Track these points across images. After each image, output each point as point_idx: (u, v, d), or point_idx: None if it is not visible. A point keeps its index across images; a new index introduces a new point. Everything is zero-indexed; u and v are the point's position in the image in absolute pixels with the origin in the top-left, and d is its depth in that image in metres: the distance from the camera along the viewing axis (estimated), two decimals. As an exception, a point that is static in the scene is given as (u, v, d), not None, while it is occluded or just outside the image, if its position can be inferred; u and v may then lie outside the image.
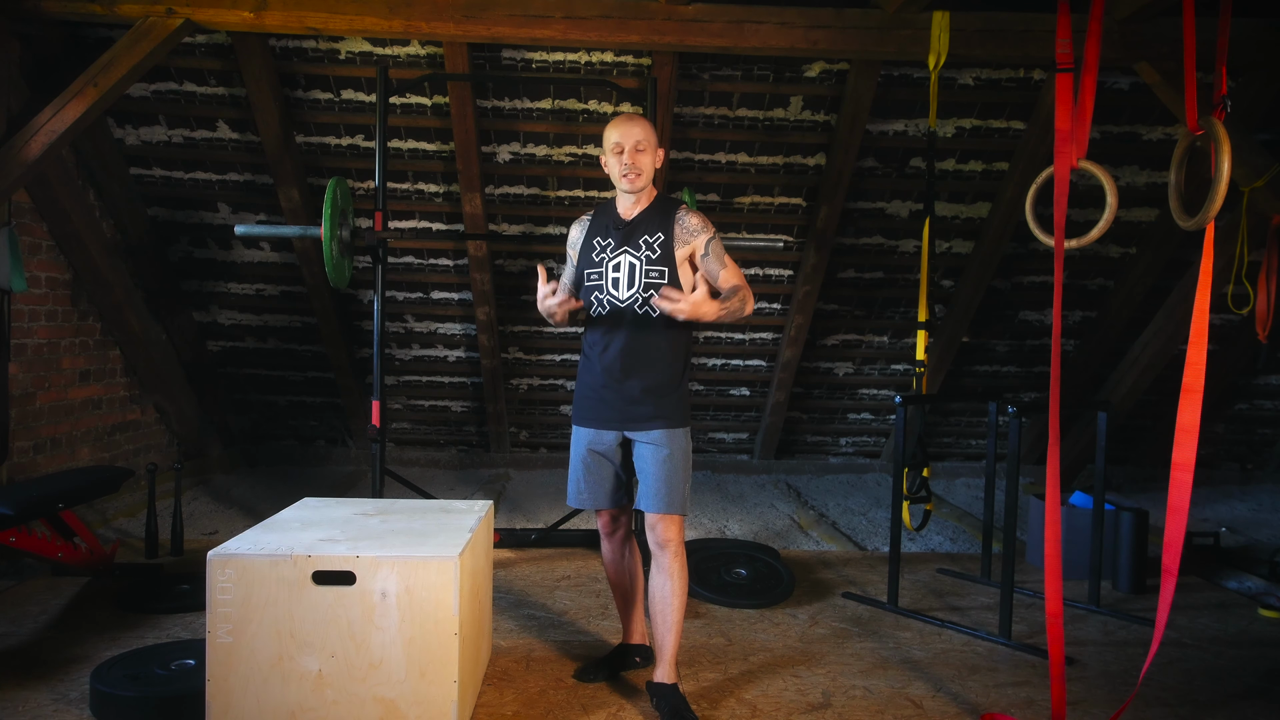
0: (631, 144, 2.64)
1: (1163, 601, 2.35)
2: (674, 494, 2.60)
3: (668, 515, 2.61)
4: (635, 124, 2.68)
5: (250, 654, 2.25)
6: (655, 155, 2.69)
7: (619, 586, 2.90)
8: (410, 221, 5.18)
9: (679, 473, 2.62)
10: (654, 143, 2.69)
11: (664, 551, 2.62)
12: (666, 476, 2.60)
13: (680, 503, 2.61)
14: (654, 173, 2.71)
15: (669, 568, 2.62)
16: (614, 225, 2.71)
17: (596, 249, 2.71)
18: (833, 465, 6.42)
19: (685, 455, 2.64)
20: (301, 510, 2.79)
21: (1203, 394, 2.35)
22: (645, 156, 2.66)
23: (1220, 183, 2.43)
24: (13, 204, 4.09)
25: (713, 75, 4.51)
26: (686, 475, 2.64)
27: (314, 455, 6.22)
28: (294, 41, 4.35)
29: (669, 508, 2.60)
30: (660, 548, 2.63)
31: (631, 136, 2.65)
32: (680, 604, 2.63)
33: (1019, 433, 3.21)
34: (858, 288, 5.47)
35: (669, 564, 2.62)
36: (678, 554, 2.63)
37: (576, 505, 2.78)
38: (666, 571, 2.62)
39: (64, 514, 3.59)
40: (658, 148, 2.71)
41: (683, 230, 2.66)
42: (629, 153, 2.64)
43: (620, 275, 2.66)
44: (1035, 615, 3.53)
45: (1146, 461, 6.34)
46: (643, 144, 2.66)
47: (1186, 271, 5.18)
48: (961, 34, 3.94)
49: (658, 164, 2.71)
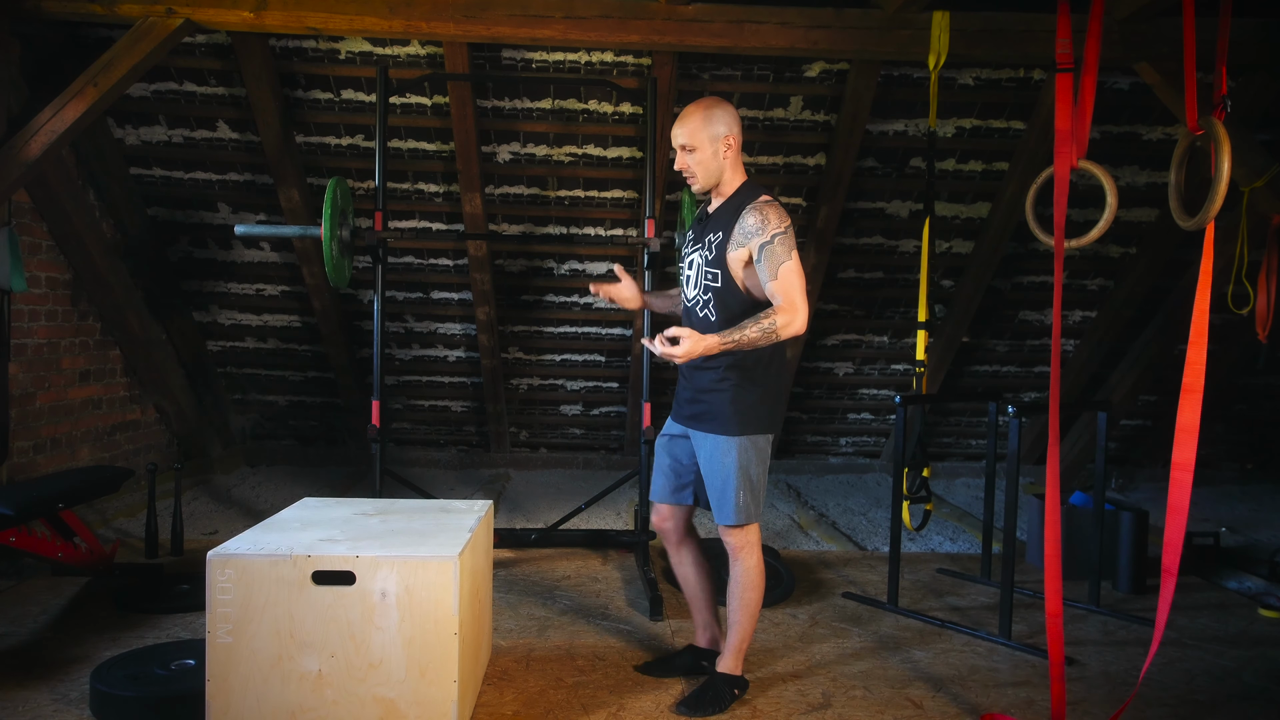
0: (678, 147, 2.57)
1: (1163, 601, 2.35)
2: (725, 502, 2.59)
3: (724, 526, 2.62)
4: (681, 123, 2.56)
5: (250, 654, 2.25)
6: (715, 148, 2.54)
7: (683, 588, 2.89)
8: (410, 221, 5.18)
9: (731, 480, 2.57)
10: (709, 136, 2.53)
11: (733, 559, 2.65)
12: (718, 485, 2.60)
13: (733, 511, 2.58)
14: (723, 165, 2.56)
15: (734, 573, 2.65)
16: (700, 218, 2.68)
17: (686, 242, 2.71)
18: (833, 465, 6.42)
19: (740, 464, 2.57)
20: (301, 510, 2.78)
21: (1203, 394, 2.35)
22: (697, 155, 2.54)
23: (1220, 183, 2.43)
24: (13, 204, 4.09)
25: (713, 75, 4.51)
26: (743, 483, 2.57)
27: (314, 455, 6.22)
28: (294, 41, 4.35)
29: (722, 517, 2.60)
30: (729, 553, 2.66)
31: (677, 139, 2.56)
32: (743, 604, 2.64)
33: (1019, 433, 3.21)
34: (858, 288, 5.47)
35: (734, 569, 2.65)
36: (742, 559, 2.63)
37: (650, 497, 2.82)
38: (734, 577, 2.66)
39: (64, 514, 3.59)
40: (720, 137, 2.54)
41: (740, 231, 2.51)
42: (679, 157, 2.58)
43: (691, 273, 2.65)
44: (1035, 615, 3.53)
45: (1146, 461, 6.34)
46: (689, 143, 2.54)
47: (1186, 271, 5.18)
48: (961, 34, 3.94)
49: (726, 154, 2.55)
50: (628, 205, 5.08)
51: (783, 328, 2.42)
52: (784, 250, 2.46)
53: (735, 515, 2.58)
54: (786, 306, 2.43)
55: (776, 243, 2.46)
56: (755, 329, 2.40)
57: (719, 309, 2.59)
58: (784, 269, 2.45)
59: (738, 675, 2.68)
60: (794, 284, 2.45)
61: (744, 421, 2.57)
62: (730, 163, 2.58)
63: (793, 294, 2.44)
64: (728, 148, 2.56)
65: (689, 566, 2.85)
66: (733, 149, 2.57)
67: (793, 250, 2.47)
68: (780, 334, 2.42)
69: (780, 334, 2.42)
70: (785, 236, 2.47)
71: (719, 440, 2.58)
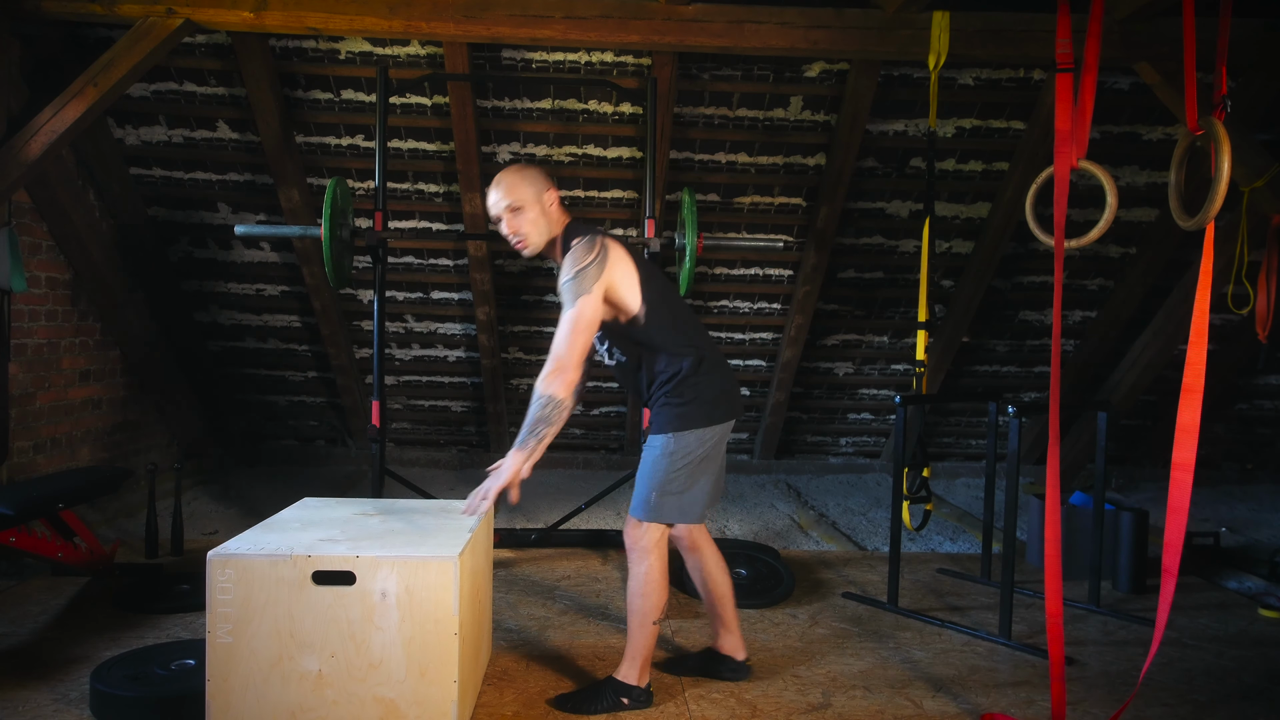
0: (503, 210, 2.49)
1: (1163, 601, 2.35)
2: (635, 494, 2.61)
3: (628, 518, 2.63)
4: (497, 189, 2.49)
5: (250, 654, 2.25)
6: (541, 204, 2.49)
7: (700, 593, 2.87)
8: (410, 221, 5.18)
9: (645, 474, 2.58)
10: (532, 192, 2.48)
11: (629, 559, 2.62)
12: (637, 477, 2.62)
13: (639, 504, 2.58)
14: (551, 220, 2.52)
15: (629, 576, 2.62)
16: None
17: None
18: (833, 465, 6.42)
19: (657, 460, 2.56)
20: (301, 510, 2.78)
21: (1203, 394, 2.35)
22: (526, 214, 2.49)
23: (1220, 183, 2.43)
24: (13, 204, 4.09)
25: (713, 75, 4.51)
26: (656, 480, 2.56)
27: (314, 455, 6.22)
28: (294, 41, 4.35)
29: (631, 508, 2.61)
30: (627, 551, 2.64)
31: (499, 205, 2.48)
32: (631, 611, 2.61)
33: (1019, 433, 3.21)
34: (858, 288, 5.47)
35: (630, 570, 2.62)
36: (634, 561, 2.60)
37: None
38: (629, 580, 2.62)
39: (64, 514, 3.59)
40: (543, 192, 2.50)
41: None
42: (506, 223, 2.50)
43: None
44: (1035, 615, 3.53)
45: (1146, 461, 6.34)
46: (515, 201, 2.47)
47: (1186, 271, 5.18)
48: (961, 34, 3.94)
49: (552, 207, 2.52)
50: (628, 205, 5.08)
51: (547, 390, 2.35)
52: (569, 296, 2.39)
53: (636, 508, 2.58)
54: (549, 366, 2.37)
55: (564, 290, 2.41)
56: (534, 414, 2.36)
57: (620, 349, 2.62)
58: (562, 320, 2.39)
59: (632, 684, 2.62)
60: (563, 337, 2.37)
61: (671, 420, 2.55)
62: (556, 219, 2.55)
63: (559, 349, 2.37)
64: (552, 202, 2.54)
65: (700, 572, 2.83)
66: (555, 203, 2.54)
67: (579, 296, 2.38)
68: (554, 399, 2.35)
69: (554, 399, 2.35)
70: (574, 282, 2.39)
71: (651, 438, 2.60)
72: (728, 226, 5.19)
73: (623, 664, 2.65)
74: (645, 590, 2.59)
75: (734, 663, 2.84)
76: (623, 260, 2.51)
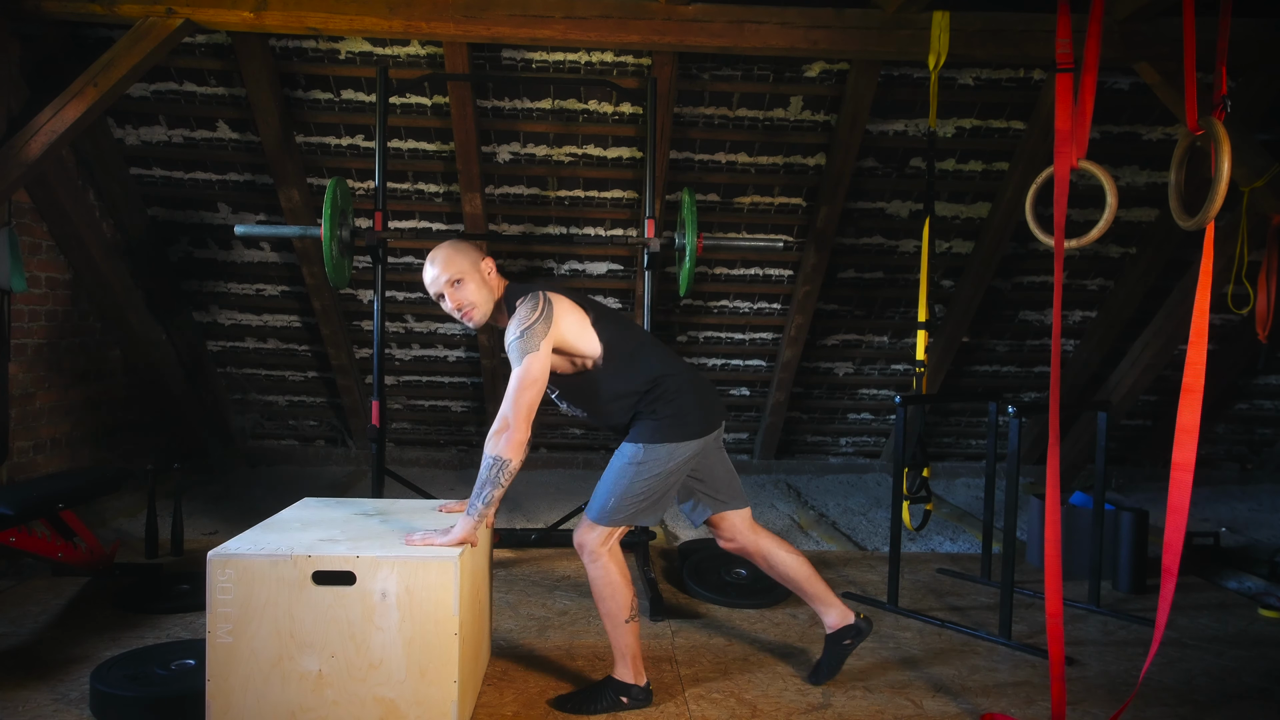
0: (443, 286, 2.48)
1: (1163, 601, 2.35)
2: (594, 495, 2.61)
3: (584, 516, 2.63)
4: (433, 266, 2.48)
5: (250, 654, 2.25)
6: (479, 274, 2.49)
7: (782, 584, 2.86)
8: (410, 221, 5.18)
9: (608, 479, 2.58)
10: (468, 263, 2.48)
11: (583, 560, 2.62)
12: (602, 478, 2.61)
13: (595, 506, 2.58)
14: (492, 288, 2.52)
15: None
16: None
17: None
18: (833, 465, 6.42)
19: (621, 469, 2.56)
20: (301, 510, 2.78)
21: (1203, 394, 2.35)
22: (467, 285, 2.48)
23: (1220, 183, 2.43)
24: (13, 204, 4.09)
25: (713, 75, 4.51)
26: (617, 487, 2.55)
27: (314, 455, 6.22)
28: (294, 41, 4.35)
29: (587, 509, 2.61)
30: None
31: (439, 282, 2.47)
32: (600, 614, 2.62)
33: (1019, 433, 3.21)
34: (858, 288, 5.47)
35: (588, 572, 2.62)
36: (587, 563, 2.60)
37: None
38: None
39: (64, 514, 3.59)
40: (479, 262, 2.50)
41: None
42: (449, 299, 2.50)
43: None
44: (1035, 615, 3.53)
45: (1146, 461, 6.34)
46: (454, 274, 2.47)
47: (1186, 271, 5.18)
48: (961, 34, 3.94)
49: (490, 276, 2.52)
50: (628, 205, 5.08)
51: (494, 451, 2.35)
52: (515, 355, 2.40)
53: (592, 510, 2.58)
54: (497, 424, 2.37)
55: (511, 349, 2.42)
56: (482, 476, 2.37)
57: (578, 403, 2.63)
58: (511, 379, 2.40)
59: (630, 683, 2.62)
60: (510, 396, 2.37)
61: (643, 431, 2.56)
62: (495, 284, 2.55)
63: (506, 408, 2.37)
64: (489, 270, 2.54)
65: (768, 566, 2.83)
66: (492, 270, 2.55)
67: (525, 354, 2.38)
68: (500, 460, 2.35)
69: (500, 460, 2.35)
70: (520, 340, 2.39)
71: (623, 445, 2.60)
72: (728, 226, 5.19)
73: (616, 665, 2.65)
74: (607, 592, 2.59)
75: (851, 630, 2.81)
76: (569, 311, 2.51)
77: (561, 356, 2.53)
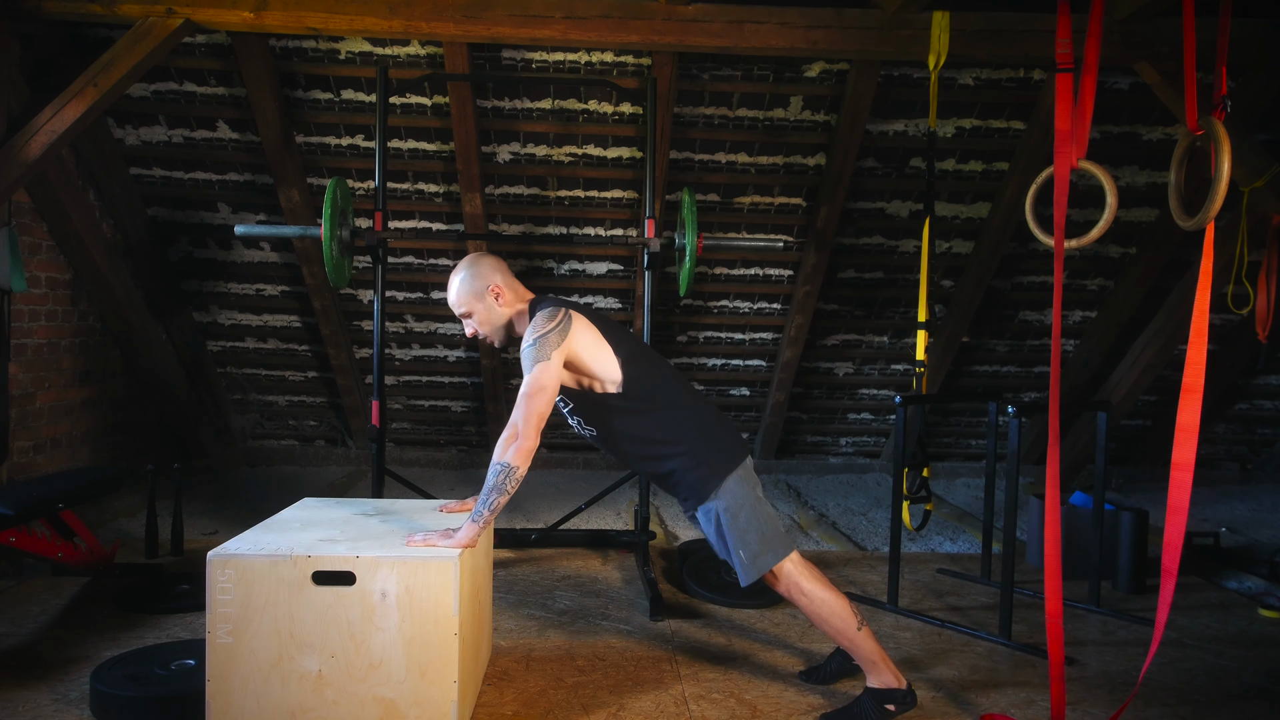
0: (459, 315, 2.58)
1: (1163, 601, 2.35)
2: (738, 566, 2.54)
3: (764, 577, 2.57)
4: (449, 287, 2.57)
5: (250, 654, 2.25)
6: (486, 301, 2.53)
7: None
8: (410, 221, 5.18)
9: (729, 543, 2.53)
10: (473, 294, 2.53)
11: (791, 602, 2.61)
12: (723, 552, 2.57)
13: (746, 570, 2.52)
14: (503, 312, 2.55)
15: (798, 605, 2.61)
16: None
17: None
18: (833, 465, 6.42)
19: (723, 524, 2.52)
20: (301, 510, 2.78)
21: (1203, 394, 2.35)
22: (477, 317, 2.55)
23: (1220, 183, 2.43)
24: (13, 204, 4.09)
25: (713, 75, 4.51)
26: (738, 540, 2.51)
27: (314, 455, 6.22)
28: (294, 41, 4.35)
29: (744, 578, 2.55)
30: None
31: (454, 309, 2.57)
32: (830, 634, 2.59)
33: (1019, 433, 3.21)
34: (858, 288, 5.47)
35: (800, 609, 2.61)
36: (795, 600, 2.58)
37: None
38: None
39: (64, 514, 3.59)
40: (486, 290, 2.53)
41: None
42: (465, 327, 2.59)
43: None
44: (1035, 615, 3.53)
45: (1146, 461, 6.34)
46: (463, 310, 2.55)
47: (1186, 271, 5.18)
48: (961, 34, 3.94)
49: (500, 301, 2.54)
50: (628, 205, 5.08)
51: (503, 459, 2.36)
52: (528, 362, 2.40)
53: (750, 571, 2.53)
54: (507, 432, 2.40)
55: (524, 356, 2.42)
56: (490, 482, 2.36)
57: (589, 421, 2.61)
58: (524, 383, 2.41)
59: (888, 688, 2.56)
60: (521, 403, 2.39)
61: (700, 484, 2.53)
62: (508, 305, 2.57)
63: (516, 415, 2.39)
64: (497, 296, 2.54)
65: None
66: (503, 294, 2.55)
67: (537, 362, 2.39)
68: (508, 467, 2.35)
69: (508, 467, 2.35)
70: (533, 348, 2.40)
71: (699, 510, 2.58)
72: (728, 226, 5.19)
73: (869, 675, 2.59)
74: (824, 612, 2.56)
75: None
76: (586, 330, 2.50)
77: (569, 373, 2.52)
